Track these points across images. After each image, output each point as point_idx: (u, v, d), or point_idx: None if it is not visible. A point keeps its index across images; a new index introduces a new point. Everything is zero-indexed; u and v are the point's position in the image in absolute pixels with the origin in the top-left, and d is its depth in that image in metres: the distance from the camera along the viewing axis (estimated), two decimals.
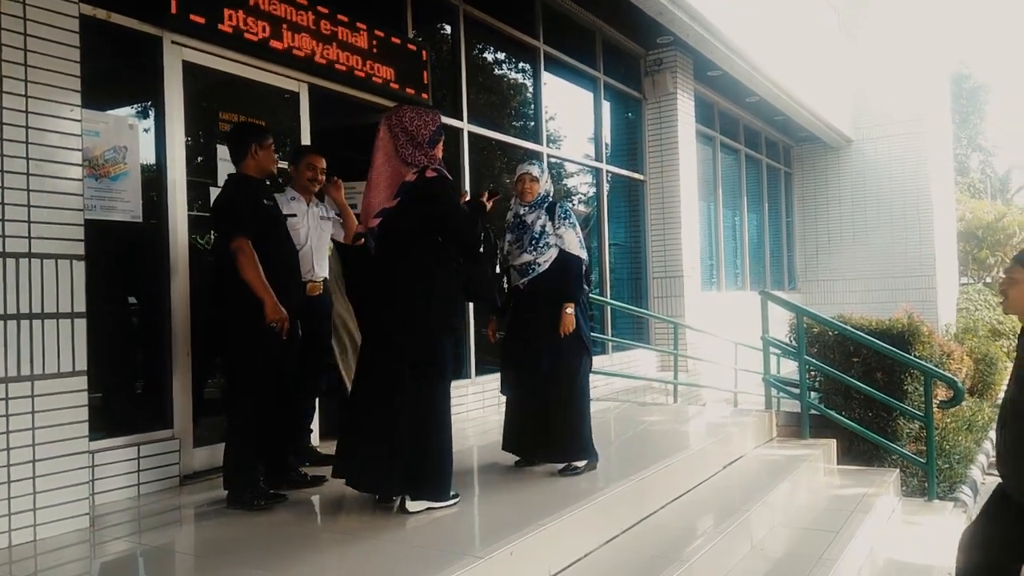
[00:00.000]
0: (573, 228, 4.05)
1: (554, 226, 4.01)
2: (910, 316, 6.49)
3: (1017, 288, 2.82)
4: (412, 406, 3.25)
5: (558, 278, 3.99)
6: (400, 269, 3.32)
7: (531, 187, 4.08)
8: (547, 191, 4.15)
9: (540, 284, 4.00)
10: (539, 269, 3.99)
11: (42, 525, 3.04)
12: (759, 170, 13.34)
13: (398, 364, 3.26)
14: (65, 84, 3.18)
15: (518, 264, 4.05)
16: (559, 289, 3.97)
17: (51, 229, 3.10)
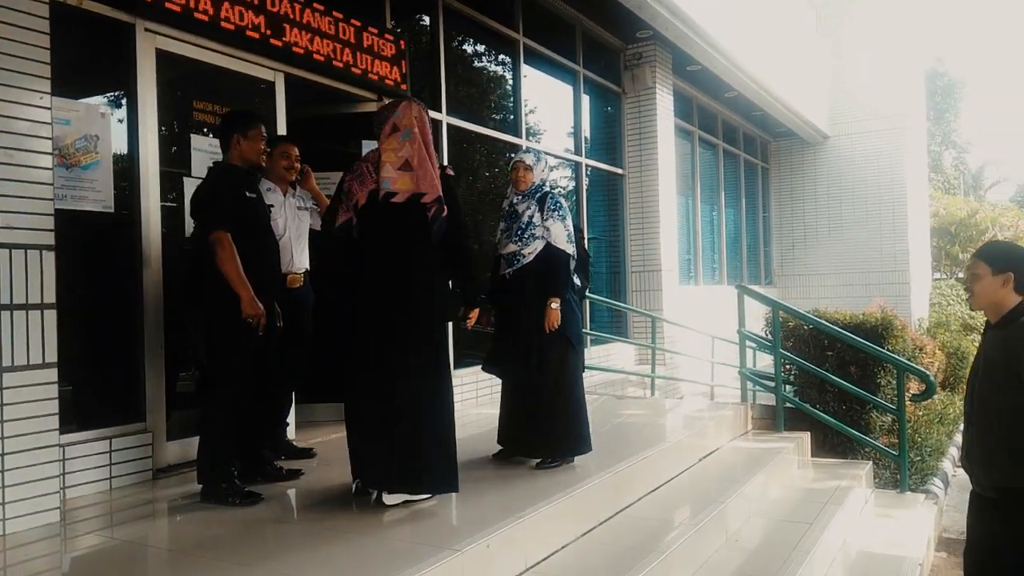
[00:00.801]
0: (562, 221, 3.98)
1: (542, 217, 3.98)
2: (884, 310, 6.57)
3: (980, 283, 2.83)
4: (415, 399, 3.23)
5: (544, 271, 3.97)
6: (410, 260, 3.29)
7: (524, 176, 4.07)
8: (542, 180, 4.13)
9: (526, 276, 3.98)
10: (523, 261, 3.97)
11: (11, 519, 2.99)
12: (737, 165, 13.43)
13: (401, 357, 3.23)
14: (35, 71, 3.12)
15: (505, 253, 4.04)
16: (545, 282, 3.96)
17: (20, 219, 3.04)
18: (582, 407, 4.03)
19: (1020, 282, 2.77)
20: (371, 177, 3.33)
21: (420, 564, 2.56)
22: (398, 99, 3.55)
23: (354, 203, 3.33)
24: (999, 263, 2.80)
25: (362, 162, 3.40)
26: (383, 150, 3.35)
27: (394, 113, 3.39)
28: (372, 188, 3.31)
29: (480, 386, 6.27)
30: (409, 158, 3.31)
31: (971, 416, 2.90)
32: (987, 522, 2.88)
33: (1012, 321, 2.75)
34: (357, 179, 3.35)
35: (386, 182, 3.28)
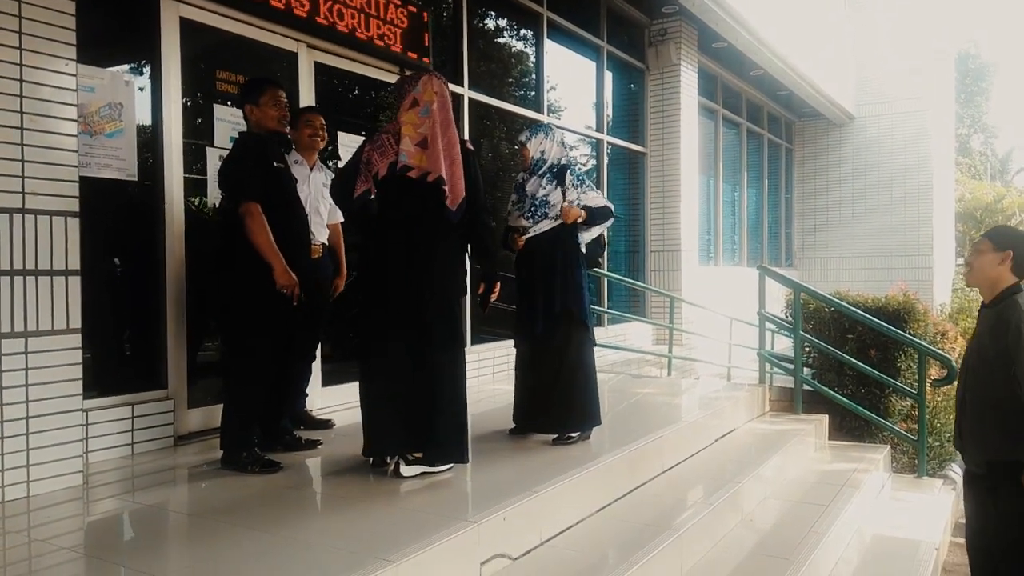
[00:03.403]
0: (592, 190, 4.09)
1: (565, 195, 4.00)
2: (906, 294, 6.50)
3: (981, 259, 2.98)
4: (435, 371, 3.26)
5: (553, 242, 3.98)
6: (427, 233, 3.31)
7: (523, 153, 4.13)
8: (543, 153, 4.09)
9: (537, 246, 4.00)
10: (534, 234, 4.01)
11: (35, 482, 3.04)
12: (760, 145, 13.27)
13: (422, 330, 3.26)
14: (60, 37, 3.12)
15: (514, 226, 4.06)
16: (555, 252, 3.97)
17: (45, 185, 3.06)
18: (592, 381, 4.04)
19: (1018, 263, 2.93)
20: (392, 148, 3.32)
21: (436, 534, 2.58)
22: (419, 72, 3.52)
23: (374, 173, 3.32)
24: (1002, 241, 2.97)
25: (383, 133, 3.39)
26: (403, 123, 3.33)
27: (415, 87, 3.37)
28: (392, 160, 3.31)
29: (497, 362, 6.28)
30: (426, 135, 3.31)
31: (965, 394, 3.03)
32: (979, 498, 2.96)
33: (1004, 299, 2.91)
34: (377, 150, 3.33)
35: (403, 155, 3.28)
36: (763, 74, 11.11)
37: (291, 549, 2.54)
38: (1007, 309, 2.89)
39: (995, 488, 2.91)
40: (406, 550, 2.44)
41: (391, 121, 3.44)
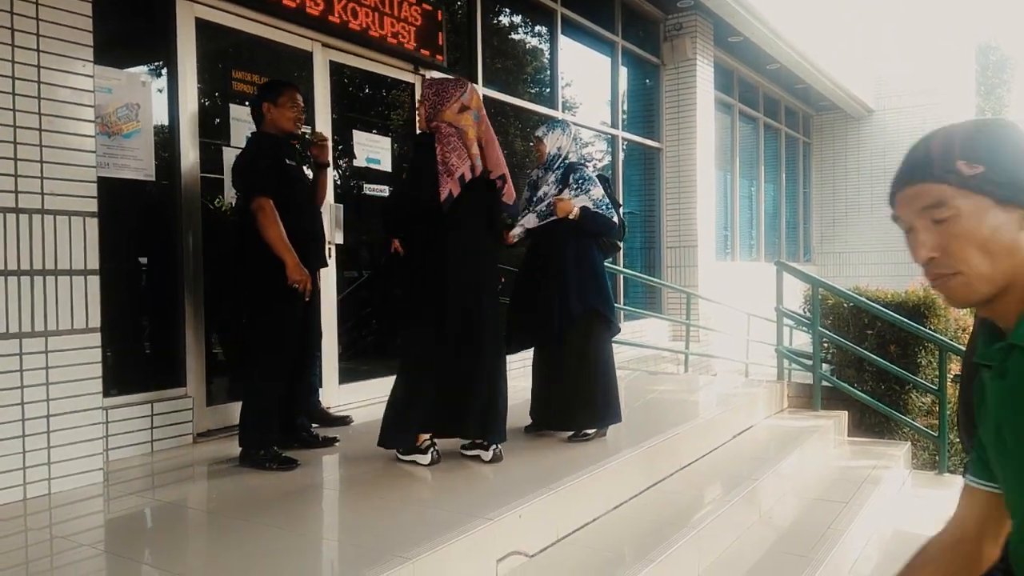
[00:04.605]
0: (586, 195, 3.93)
1: (564, 194, 3.93)
2: (926, 289, 6.42)
3: None
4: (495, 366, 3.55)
5: (564, 240, 3.93)
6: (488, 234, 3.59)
7: (538, 148, 4.11)
8: (559, 149, 4.04)
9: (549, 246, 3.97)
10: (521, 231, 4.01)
11: (56, 479, 3.08)
12: (777, 139, 13.16)
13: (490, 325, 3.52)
14: (77, 39, 3.15)
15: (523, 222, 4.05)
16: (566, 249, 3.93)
17: (64, 185, 3.09)
18: (612, 378, 4.02)
19: None
20: (465, 151, 3.42)
21: (453, 531, 2.58)
22: (458, 78, 3.58)
23: (459, 176, 3.39)
24: None
25: (451, 136, 3.42)
26: (465, 127, 3.43)
27: (463, 92, 3.47)
28: (470, 163, 3.43)
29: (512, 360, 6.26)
30: (479, 137, 3.49)
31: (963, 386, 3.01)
32: None
33: None
34: (453, 152, 3.40)
35: (476, 158, 3.45)
36: (780, 68, 11.02)
37: (309, 545, 2.55)
38: None
39: None
40: (423, 547, 2.44)
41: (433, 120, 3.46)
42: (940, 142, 1.02)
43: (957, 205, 0.98)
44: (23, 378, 2.97)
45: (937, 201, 0.99)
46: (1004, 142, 1.00)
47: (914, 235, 1.02)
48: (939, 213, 0.99)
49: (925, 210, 1.00)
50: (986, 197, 0.98)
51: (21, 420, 2.96)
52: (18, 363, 2.95)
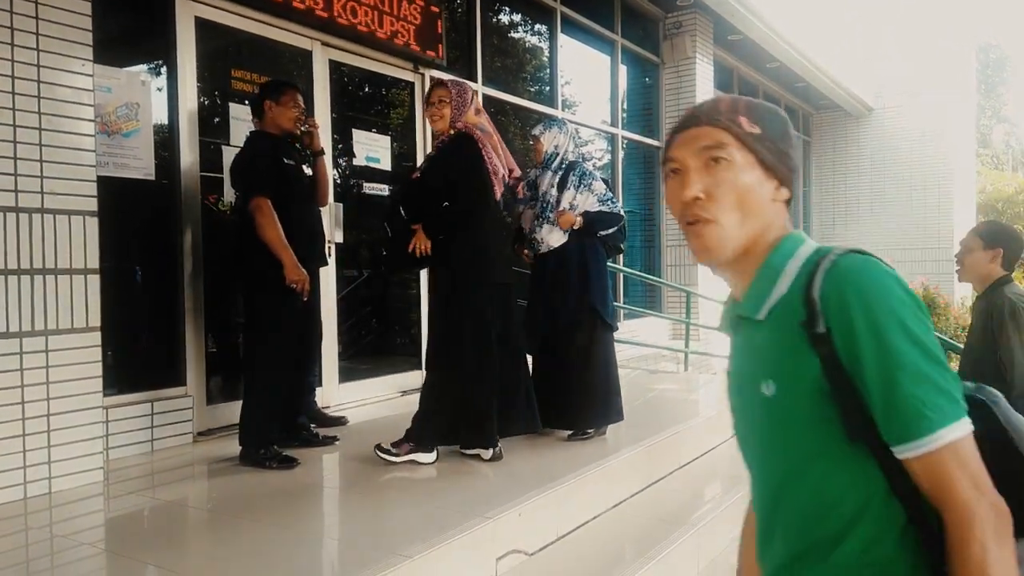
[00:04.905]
0: (587, 190, 3.93)
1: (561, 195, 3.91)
2: (927, 288, 6.43)
3: (971, 256, 3.13)
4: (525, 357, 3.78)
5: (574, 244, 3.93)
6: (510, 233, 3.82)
7: (535, 147, 4.08)
8: (556, 148, 4.01)
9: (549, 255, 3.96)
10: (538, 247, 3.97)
11: (57, 478, 3.08)
12: None
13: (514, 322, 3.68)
14: (76, 38, 3.15)
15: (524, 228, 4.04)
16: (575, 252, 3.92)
17: (63, 184, 3.09)
18: (614, 377, 4.02)
19: (1007, 258, 3.09)
20: (498, 154, 3.50)
21: (452, 530, 2.59)
22: (465, 82, 3.61)
23: (502, 177, 3.49)
24: (991, 239, 3.11)
25: (483, 137, 3.46)
26: (490, 129, 3.51)
27: (473, 96, 3.55)
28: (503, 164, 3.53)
29: None
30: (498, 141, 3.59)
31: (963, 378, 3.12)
32: None
33: (992, 290, 3.08)
34: (493, 153, 3.47)
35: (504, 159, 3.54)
36: (780, 66, 11.02)
37: (309, 544, 2.55)
38: (994, 299, 3.05)
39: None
40: (422, 545, 2.45)
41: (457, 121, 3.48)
42: (727, 98, 1.10)
43: (732, 153, 1.05)
44: (23, 377, 2.97)
45: (718, 143, 1.05)
46: (778, 120, 1.10)
47: (684, 176, 1.07)
48: (717, 153, 1.05)
49: (704, 150, 1.06)
50: (756, 158, 1.06)
51: (21, 419, 2.97)
52: (18, 362, 2.95)
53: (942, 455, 0.92)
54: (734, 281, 1.14)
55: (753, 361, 1.09)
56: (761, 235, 1.08)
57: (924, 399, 0.93)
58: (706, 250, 1.08)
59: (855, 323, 0.95)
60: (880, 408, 0.95)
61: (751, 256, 1.09)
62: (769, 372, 1.04)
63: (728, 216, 1.05)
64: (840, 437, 0.98)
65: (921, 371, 0.94)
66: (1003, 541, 0.90)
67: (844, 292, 0.97)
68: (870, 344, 0.94)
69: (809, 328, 0.98)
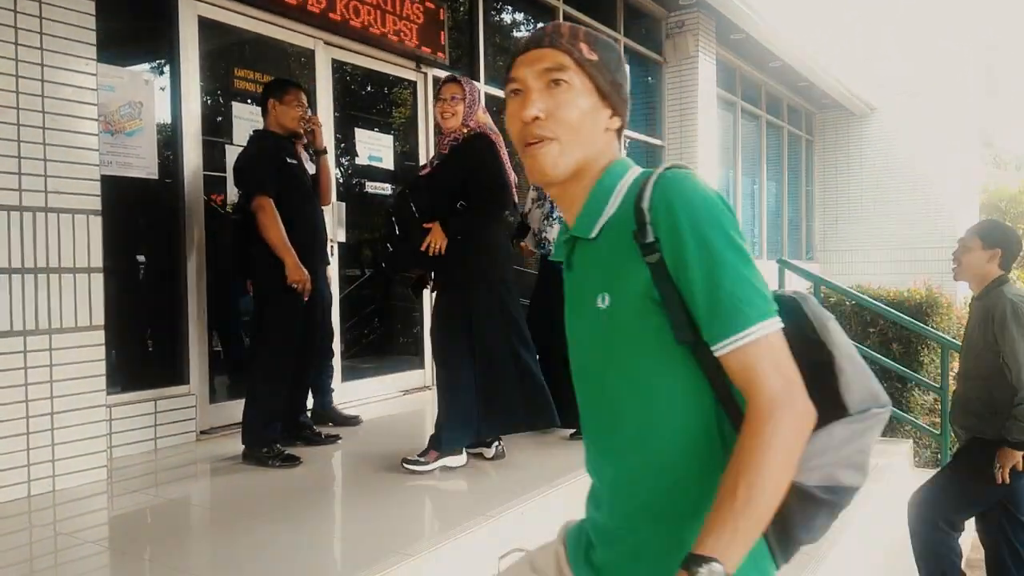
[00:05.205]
0: None
1: None
2: (929, 287, 6.43)
3: (969, 255, 3.13)
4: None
5: None
6: None
7: None
8: None
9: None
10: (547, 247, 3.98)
11: (60, 476, 3.09)
12: (780, 137, 13.14)
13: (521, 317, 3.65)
14: (80, 37, 3.16)
15: (533, 227, 4.03)
16: None
17: (67, 183, 3.10)
18: None
19: (1005, 259, 3.10)
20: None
21: (454, 528, 2.59)
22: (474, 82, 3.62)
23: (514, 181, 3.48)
24: (990, 239, 3.11)
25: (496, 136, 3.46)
26: (496, 130, 3.48)
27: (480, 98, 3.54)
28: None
29: None
30: None
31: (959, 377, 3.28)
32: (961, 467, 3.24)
33: (991, 291, 3.07)
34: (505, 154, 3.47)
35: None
36: (782, 65, 11.00)
37: (311, 542, 2.56)
38: (994, 299, 3.04)
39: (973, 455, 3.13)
40: (424, 544, 2.45)
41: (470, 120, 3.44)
42: (568, 25, 1.15)
43: (572, 77, 1.10)
44: (27, 375, 2.98)
45: (559, 65, 1.10)
46: (614, 52, 1.17)
47: (526, 96, 1.11)
48: (558, 75, 1.10)
49: (545, 72, 1.11)
50: (594, 84, 1.12)
51: (25, 417, 2.97)
52: (22, 360, 2.96)
53: (755, 347, 0.99)
54: (566, 206, 1.17)
55: (588, 279, 1.13)
56: (595, 160, 1.13)
57: (742, 297, 1.00)
58: (543, 170, 1.11)
59: (681, 230, 1.02)
60: (703, 309, 1.01)
61: (583, 179, 1.13)
62: (603, 286, 1.09)
63: (567, 136, 1.10)
64: (669, 343, 1.04)
65: (740, 273, 1.02)
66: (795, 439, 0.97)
67: (671, 202, 1.03)
68: (695, 249, 1.01)
69: (639, 238, 1.04)
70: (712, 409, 1.05)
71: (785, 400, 0.97)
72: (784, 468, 0.96)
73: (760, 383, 0.98)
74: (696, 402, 1.05)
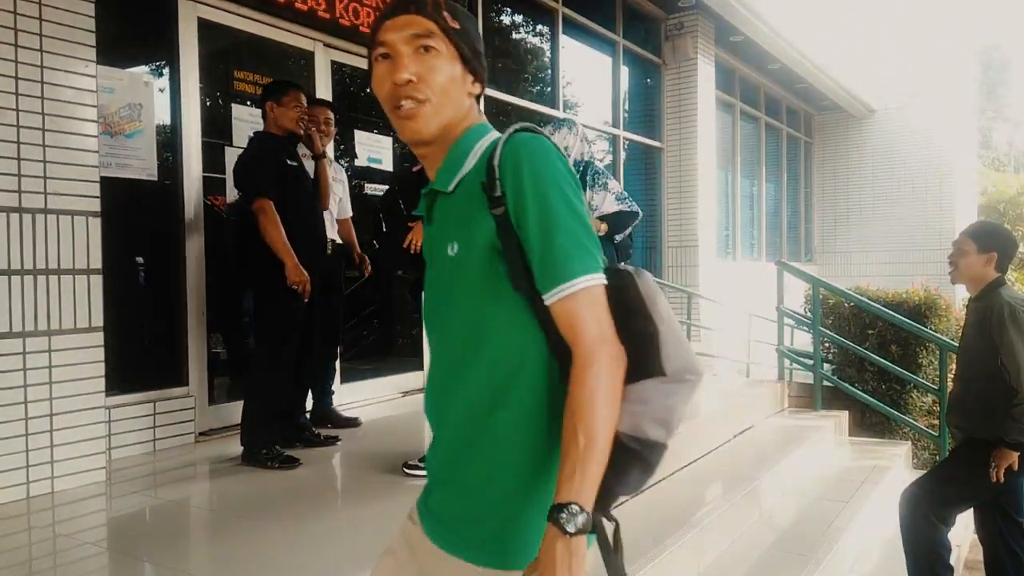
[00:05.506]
0: (603, 189, 3.92)
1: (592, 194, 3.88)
2: (927, 289, 6.43)
3: (966, 259, 3.14)
4: None
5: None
6: None
7: None
8: (566, 149, 3.96)
9: None
10: None
11: (60, 478, 3.09)
12: (779, 139, 13.16)
13: None
14: (80, 39, 3.16)
15: None
16: None
17: (67, 185, 3.10)
18: None
19: (1001, 261, 3.11)
20: None
21: None
22: None
23: None
24: (986, 242, 3.11)
25: None
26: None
27: None
28: None
29: None
30: None
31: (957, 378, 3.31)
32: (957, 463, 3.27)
33: (988, 293, 3.08)
34: None
35: None
36: (781, 67, 11.01)
37: (309, 543, 2.56)
38: (991, 302, 3.05)
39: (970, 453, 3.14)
40: None
41: None
42: None
43: (439, 43, 1.17)
44: (26, 377, 2.98)
45: (428, 31, 1.17)
46: (473, 22, 1.23)
47: (396, 60, 1.18)
48: (427, 41, 1.17)
49: (415, 37, 1.17)
50: (457, 51, 1.19)
51: (24, 419, 2.97)
52: (21, 362, 2.96)
53: (579, 298, 1.09)
54: (430, 165, 1.25)
55: (444, 229, 1.21)
56: (459, 122, 1.21)
57: (572, 252, 1.10)
58: (416, 131, 1.19)
59: (524, 185, 1.10)
60: (537, 259, 1.10)
61: (446, 139, 1.21)
62: (454, 235, 1.17)
63: (437, 99, 1.17)
64: (508, 291, 1.13)
65: (573, 230, 1.11)
66: (612, 379, 1.07)
67: (517, 160, 1.11)
68: (534, 204, 1.10)
69: (488, 191, 1.13)
70: (542, 358, 1.14)
71: (601, 345, 1.08)
72: (610, 405, 1.06)
73: (581, 330, 1.08)
74: (528, 348, 1.14)
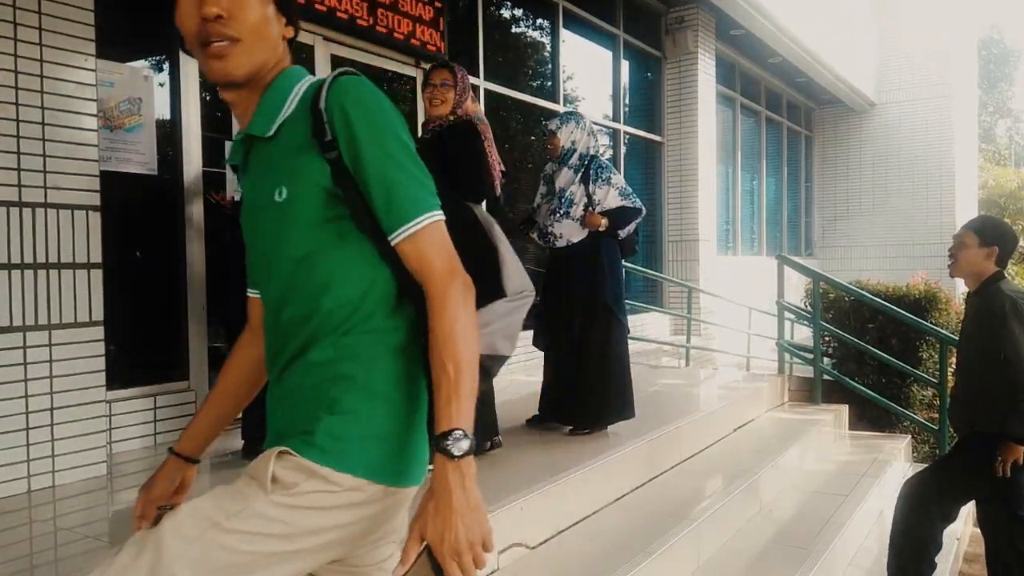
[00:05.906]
0: (607, 184, 3.93)
1: (586, 190, 3.90)
2: (927, 283, 6.43)
3: (966, 252, 3.15)
4: None
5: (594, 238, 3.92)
6: None
7: (551, 141, 4.01)
8: (573, 143, 3.98)
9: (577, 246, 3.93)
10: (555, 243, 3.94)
11: (60, 472, 3.10)
12: (779, 133, 13.14)
13: None
14: (79, 33, 3.15)
15: (540, 223, 4.01)
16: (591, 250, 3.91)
17: (67, 179, 3.10)
18: (627, 375, 4.00)
19: (1002, 256, 3.12)
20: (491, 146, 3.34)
21: None
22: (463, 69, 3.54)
23: (502, 170, 3.36)
24: (987, 237, 3.12)
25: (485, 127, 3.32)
26: (485, 120, 3.38)
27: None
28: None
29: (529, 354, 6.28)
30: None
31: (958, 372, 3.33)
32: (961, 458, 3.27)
33: (988, 287, 3.09)
34: (492, 146, 3.31)
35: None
36: (782, 61, 11.00)
37: None
38: (991, 296, 3.06)
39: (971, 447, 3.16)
40: None
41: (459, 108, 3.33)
42: None
43: None
44: (27, 371, 2.98)
45: None
46: None
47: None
48: None
49: None
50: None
51: (25, 413, 2.98)
52: (22, 356, 2.96)
53: (424, 235, 1.12)
54: (240, 111, 1.22)
55: (266, 175, 1.19)
56: (272, 66, 1.19)
57: (413, 192, 1.13)
58: (226, 70, 1.15)
59: (356, 131, 1.10)
60: (380, 203, 1.12)
61: (258, 83, 1.19)
62: (281, 180, 1.16)
63: (250, 38, 1.14)
64: (349, 231, 1.14)
65: (410, 170, 1.13)
66: (468, 308, 1.11)
67: (346, 104, 1.11)
68: (371, 148, 1.11)
69: (318, 136, 1.12)
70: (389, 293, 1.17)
71: (452, 278, 1.12)
72: (470, 332, 1.10)
73: (430, 266, 1.12)
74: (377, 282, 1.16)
